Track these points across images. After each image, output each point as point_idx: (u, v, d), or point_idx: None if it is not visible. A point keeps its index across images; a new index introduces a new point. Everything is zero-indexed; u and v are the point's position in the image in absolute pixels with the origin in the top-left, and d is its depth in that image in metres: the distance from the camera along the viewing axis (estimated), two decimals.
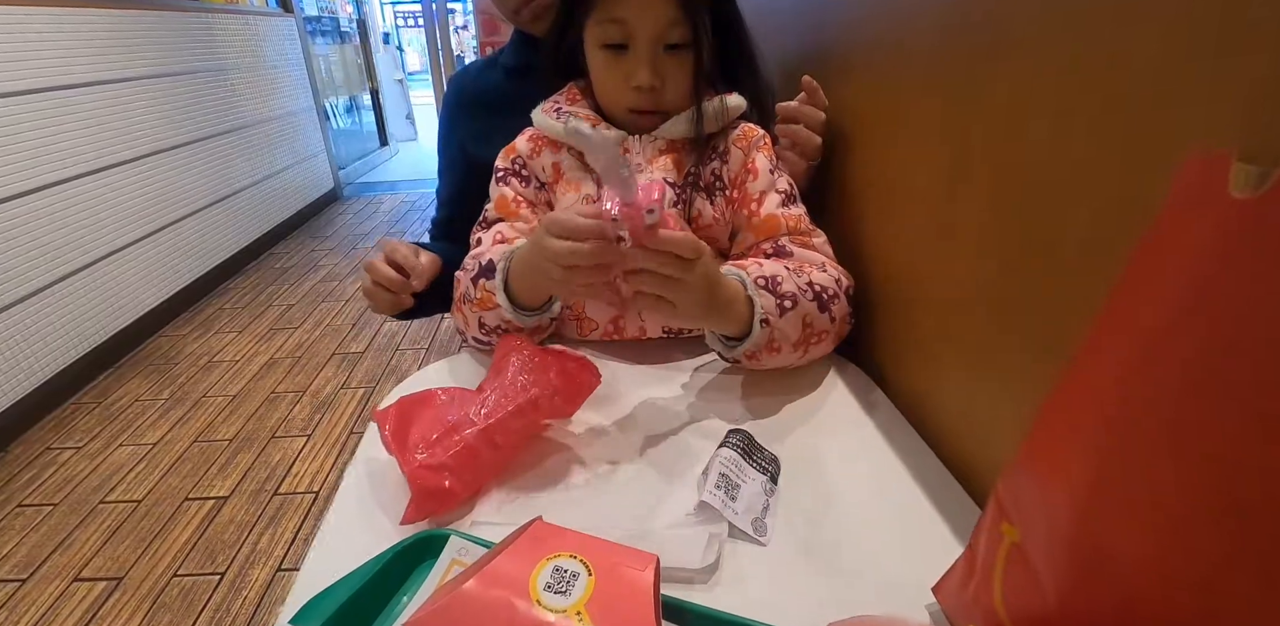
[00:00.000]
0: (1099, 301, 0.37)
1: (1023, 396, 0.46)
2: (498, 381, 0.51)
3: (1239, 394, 0.21)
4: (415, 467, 0.44)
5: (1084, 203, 0.39)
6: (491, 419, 0.46)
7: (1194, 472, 0.23)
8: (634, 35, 0.64)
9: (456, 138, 0.94)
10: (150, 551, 1.47)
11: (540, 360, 0.51)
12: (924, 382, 0.60)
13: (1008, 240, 0.46)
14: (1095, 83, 0.37)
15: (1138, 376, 0.25)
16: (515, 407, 0.47)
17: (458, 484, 0.44)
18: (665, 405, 0.62)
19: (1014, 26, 0.44)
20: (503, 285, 0.62)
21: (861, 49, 0.71)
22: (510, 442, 0.48)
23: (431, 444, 0.46)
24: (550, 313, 0.65)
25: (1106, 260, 0.37)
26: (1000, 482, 0.36)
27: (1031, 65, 0.43)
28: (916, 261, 0.61)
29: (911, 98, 0.60)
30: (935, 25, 0.55)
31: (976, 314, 0.51)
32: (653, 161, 0.68)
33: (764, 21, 1.04)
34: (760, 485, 0.49)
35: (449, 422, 0.47)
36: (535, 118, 0.71)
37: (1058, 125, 0.41)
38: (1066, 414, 0.30)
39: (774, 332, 0.58)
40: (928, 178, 0.57)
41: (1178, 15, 0.32)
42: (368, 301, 0.79)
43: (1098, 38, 0.37)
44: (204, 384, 2.14)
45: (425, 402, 0.50)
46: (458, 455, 0.45)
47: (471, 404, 0.49)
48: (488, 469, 0.47)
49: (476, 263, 0.64)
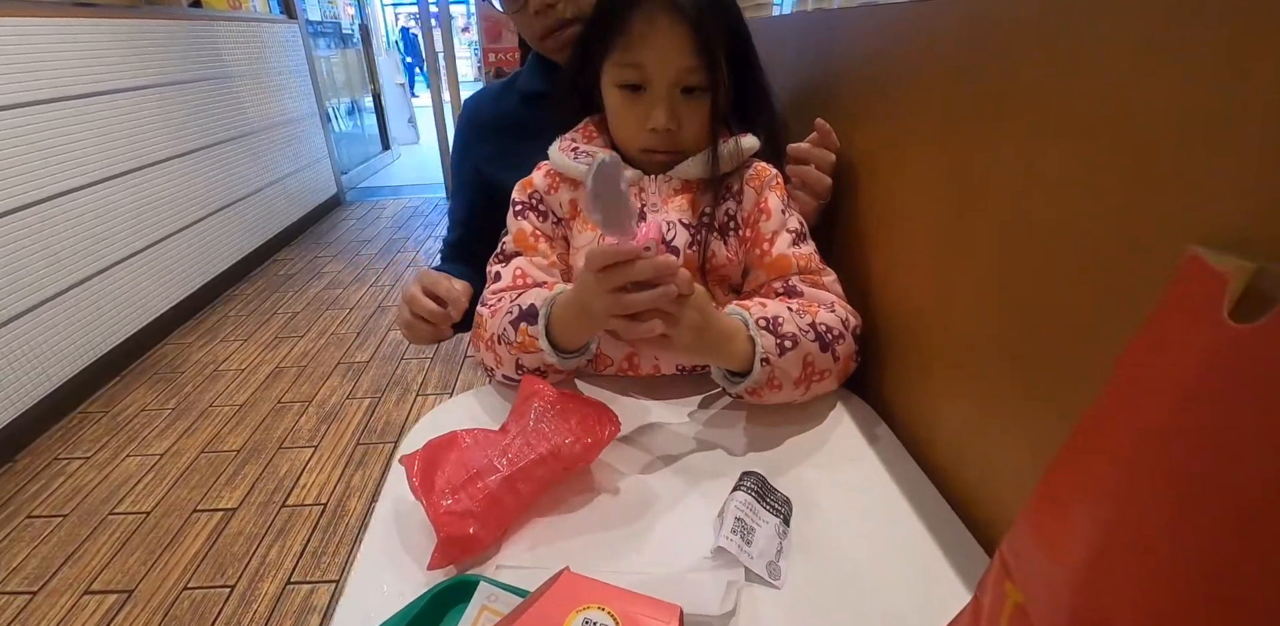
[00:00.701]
0: (1106, 351, 0.39)
1: (1023, 433, 0.48)
2: (519, 425, 0.53)
3: (1233, 494, 0.23)
4: (441, 513, 0.46)
5: (1094, 257, 0.40)
6: (515, 466, 0.48)
7: (1193, 562, 0.25)
8: (651, 79, 0.65)
9: (472, 160, 0.96)
10: (160, 564, 1.49)
11: (561, 407, 0.53)
12: (928, 418, 0.62)
13: (1015, 285, 0.48)
14: (1106, 143, 0.39)
15: (1136, 466, 0.27)
16: (538, 456, 0.49)
17: (482, 530, 0.46)
18: (679, 441, 0.64)
19: (1022, 78, 0.46)
20: (545, 330, 0.63)
21: (873, 87, 0.73)
22: (532, 489, 0.50)
23: (457, 489, 0.48)
24: (588, 354, 0.68)
25: (1115, 317, 0.38)
26: (1005, 541, 0.38)
27: (1042, 117, 0.44)
28: (924, 300, 0.63)
29: (921, 139, 0.62)
30: (947, 69, 0.57)
31: (983, 354, 0.53)
32: (667, 202, 0.70)
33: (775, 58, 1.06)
34: (774, 528, 0.51)
35: (474, 468, 0.49)
36: (552, 156, 0.73)
37: (1066, 175, 0.42)
38: (1068, 486, 0.32)
39: (774, 371, 0.61)
40: (936, 218, 0.59)
41: (1190, 86, 0.33)
42: (405, 332, 0.81)
43: (1110, 97, 0.38)
44: (210, 393, 2.16)
45: (450, 446, 0.52)
46: (482, 502, 0.47)
47: (495, 448, 0.51)
48: (510, 514, 0.49)
49: (516, 306, 0.66)
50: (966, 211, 0.54)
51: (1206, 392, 0.23)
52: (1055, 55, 0.43)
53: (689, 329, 0.55)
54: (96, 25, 2.31)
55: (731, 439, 0.65)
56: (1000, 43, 0.49)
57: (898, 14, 0.68)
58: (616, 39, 0.65)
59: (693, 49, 0.64)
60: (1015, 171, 0.47)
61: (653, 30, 0.64)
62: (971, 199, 0.53)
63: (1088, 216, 0.40)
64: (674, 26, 0.63)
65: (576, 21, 0.80)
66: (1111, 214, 0.38)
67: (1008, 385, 0.49)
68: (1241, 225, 0.31)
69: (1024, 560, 0.35)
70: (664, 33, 0.64)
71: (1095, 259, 0.40)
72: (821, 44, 0.90)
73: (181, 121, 2.75)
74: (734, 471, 0.57)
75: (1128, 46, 0.37)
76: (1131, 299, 0.37)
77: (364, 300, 2.89)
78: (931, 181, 0.60)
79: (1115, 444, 0.29)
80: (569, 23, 0.81)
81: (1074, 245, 0.41)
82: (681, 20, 0.63)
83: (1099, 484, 0.30)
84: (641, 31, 0.64)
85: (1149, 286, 0.36)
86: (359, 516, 1.61)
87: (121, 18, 2.46)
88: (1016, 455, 0.49)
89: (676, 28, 0.63)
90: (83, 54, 2.22)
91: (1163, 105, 0.35)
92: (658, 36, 0.64)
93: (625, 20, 0.64)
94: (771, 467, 0.59)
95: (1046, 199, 0.44)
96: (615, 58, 0.66)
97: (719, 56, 0.65)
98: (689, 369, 0.73)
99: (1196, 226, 0.33)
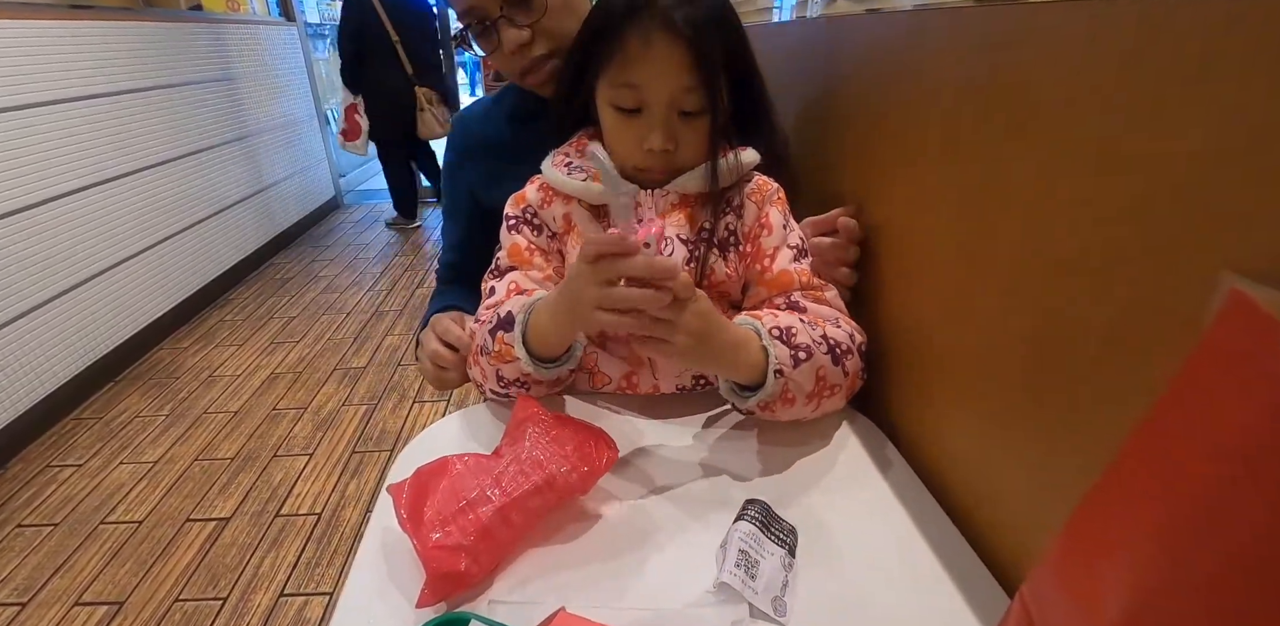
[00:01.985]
0: (1131, 383, 0.37)
1: (1033, 456, 0.46)
2: (514, 451, 0.51)
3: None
4: (430, 548, 0.44)
5: (1118, 282, 0.38)
6: (509, 497, 0.46)
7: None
8: (647, 100, 0.63)
9: (464, 182, 0.94)
10: (152, 575, 1.46)
11: (557, 433, 0.51)
12: (937, 442, 0.60)
13: (1033, 311, 0.46)
14: (1131, 164, 0.37)
15: (1179, 524, 0.25)
16: (533, 486, 0.47)
17: (474, 565, 0.44)
18: (680, 464, 0.62)
19: (1043, 100, 0.44)
20: (521, 337, 0.61)
21: (883, 99, 0.71)
22: (526, 521, 0.48)
23: (447, 520, 0.46)
24: (570, 363, 0.65)
25: (1141, 347, 0.36)
26: (1027, 584, 0.36)
27: (1059, 144, 0.43)
28: (936, 322, 0.61)
29: (935, 158, 0.60)
30: (958, 88, 0.55)
31: (999, 383, 0.51)
32: (665, 216, 0.68)
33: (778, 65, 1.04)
34: (779, 560, 0.49)
35: (465, 498, 0.47)
36: (545, 170, 0.71)
37: (1088, 197, 0.41)
38: (1097, 536, 0.30)
39: (788, 383, 0.58)
40: (950, 239, 0.57)
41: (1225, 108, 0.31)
42: (436, 384, 0.80)
43: (1133, 125, 0.37)
44: (205, 399, 2.14)
45: (441, 473, 0.50)
46: (474, 535, 0.44)
47: (488, 475, 0.49)
48: (503, 548, 0.47)
49: (494, 313, 0.64)
50: (983, 233, 0.52)
51: (1261, 448, 0.21)
52: (1078, 73, 0.41)
53: (689, 334, 0.53)
54: (93, 27, 2.29)
55: (734, 462, 0.62)
56: (1017, 59, 0.47)
57: (906, 23, 0.66)
58: (610, 57, 0.63)
59: (690, 68, 0.61)
60: (1036, 192, 0.45)
61: (648, 49, 0.61)
62: (990, 220, 0.51)
63: (1113, 240, 0.38)
64: (671, 45, 0.61)
65: (554, 56, 0.79)
66: (1138, 238, 0.36)
67: (1023, 414, 0.47)
68: (1276, 253, 0.29)
69: (1049, 608, 0.33)
70: (660, 51, 0.61)
71: (1119, 285, 0.38)
72: (828, 54, 0.88)
73: (179, 124, 2.73)
74: (737, 497, 0.55)
75: (1152, 70, 0.35)
76: (1160, 328, 0.35)
77: (361, 304, 2.87)
78: (947, 201, 0.58)
79: (1151, 496, 0.27)
80: (546, 58, 0.79)
81: (1097, 270, 0.40)
82: (678, 38, 0.60)
83: (1132, 538, 0.28)
84: (637, 50, 0.61)
85: (1179, 314, 0.34)
86: (354, 526, 1.59)
87: (119, 20, 2.44)
88: (1033, 485, 0.47)
89: (673, 46, 0.61)
90: (80, 56, 2.20)
91: (1195, 127, 0.33)
92: (654, 55, 0.61)
93: (619, 38, 0.62)
94: (776, 493, 0.57)
95: (1068, 220, 0.42)
96: (609, 77, 0.64)
97: (718, 76, 0.62)
98: (689, 387, 0.71)
99: (1230, 251, 0.31)
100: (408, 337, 2.53)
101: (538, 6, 0.76)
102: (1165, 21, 0.34)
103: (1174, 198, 0.34)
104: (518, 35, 0.77)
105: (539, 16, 0.76)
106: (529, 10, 0.76)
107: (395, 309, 2.82)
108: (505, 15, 0.77)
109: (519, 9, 0.76)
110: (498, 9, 0.76)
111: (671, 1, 0.61)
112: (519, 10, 0.76)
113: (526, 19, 0.77)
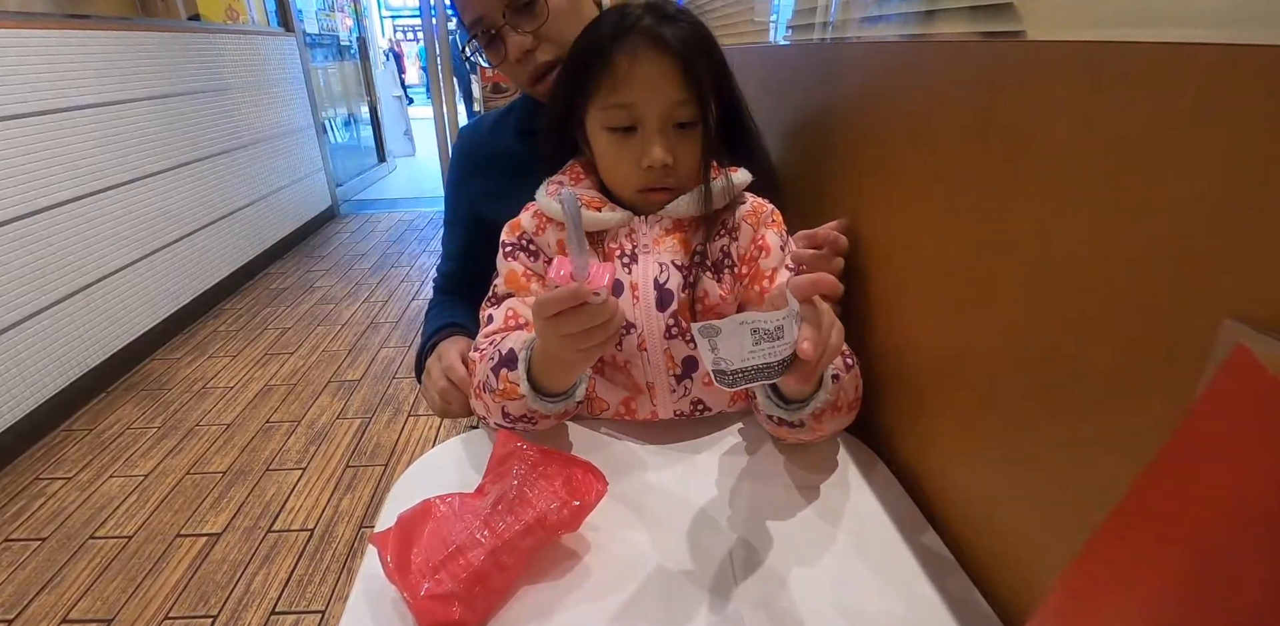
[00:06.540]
0: (1130, 425, 0.37)
1: (1025, 480, 0.46)
2: (498, 488, 0.50)
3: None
4: (421, 599, 0.43)
5: (1119, 324, 0.38)
6: (500, 538, 0.45)
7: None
8: (642, 118, 0.64)
9: (467, 195, 0.94)
10: (141, 591, 1.44)
11: (545, 469, 0.50)
12: (926, 459, 0.61)
13: (1028, 347, 0.46)
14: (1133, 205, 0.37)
15: (1184, 581, 0.25)
16: (524, 526, 0.46)
17: (469, 613, 0.43)
18: (676, 493, 0.61)
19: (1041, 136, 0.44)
20: (525, 374, 0.61)
21: (880, 128, 0.71)
22: (518, 562, 0.47)
23: (437, 568, 0.45)
24: (575, 397, 0.65)
25: (1141, 389, 0.36)
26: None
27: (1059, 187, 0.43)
28: (933, 359, 0.61)
29: (931, 194, 0.60)
30: (958, 125, 0.55)
31: (1002, 413, 0.50)
32: (659, 242, 0.68)
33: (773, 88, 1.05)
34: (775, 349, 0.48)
35: (453, 543, 0.45)
36: (539, 199, 0.71)
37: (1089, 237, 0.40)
38: (1100, 586, 0.30)
39: (840, 390, 0.59)
40: (949, 274, 0.57)
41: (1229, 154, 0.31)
42: (433, 408, 0.81)
43: (1138, 160, 0.36)
44: (197, 411, 2.12)
45: (424, 517, 0.49)
46: (465, 581, 0.43)
47: (475, 517, 0.48)
48: (498, 593, 0.46)
49: (497, 351, 0.64)
50: (983, 269, 0.51)
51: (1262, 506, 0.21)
52: (1078, 114, 0.41)
53: None
54: (91, 37, 2.29)
55: (730, 490, 0.62)
56: (1017, 100, 0.47)
57: (905, 54, 0.66)
58: (600, 81, 0.64)
59: (681, 82, 0.63)
60: (1036, 231, 0.45)
61: (637, 66, 0.62)
62: (990, 257, 0.50)
63: (1113, 281, 0.38)
64: (660, 61, 0.63)
65: (559, 62, 0.79)
66: (1140, 281, 0.36)
67: (1025, 451, 0.47)
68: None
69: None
70: (649, 67, 0.63)
71: (1121, 327, 0.38)
72: (825, 80, 0.88)
73: (177, 134, 2.73)
74: (731, 528, 0.55)
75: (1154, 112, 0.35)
76: (1160, 371, 0.35)
77: (357, 316, 2.86)
78: (945, 236, 0.57)
79: (1151, 547, 0.27)
80: (552, 65, 0.80)
81: (1098, 313, 0.39)
82: (666, 53, 0.62)
83: (1133, 588, 0.28)
84: (626, 70, 0.63)
85: (1181, 358, 0.33)
86: (347, 542, 1.58)
87: (117, 30, 2.44)
88: (1034, 522, 0.47)
89: (663, 62, 0.63)
90: (77, 66, 2.20)
91: (1197, 171, 0.33)
92: (643, 71, 0.63)
93: (608, 60, 0.63)
94: (774, 522, 0.56)
95: (1068, 261, 0.42)
96: (600, 100, 0.65)
97: (707, 88, 0.64)
98: (688, 413, 0.70)
99: (1232, 297, 0.31)
100: (404, 350, 2.52)
101: (541, 12, 0.77)
102: (1168, 65, 0.34)
103: (1179, 241, 0.34)
104: (522, 41, 0.78)
105: (542, 22, 0.77)
106: (533, 16, 0.78)
107: (391, 321, 2.80)
108: (509, 22, 0.78)
109: (523, 15, 0.78)
110: (501, 17, 0.77)
111: (653, 21, 0.63)
112: (523, 16, 0.78)
113: (530, 25, 0.78)
